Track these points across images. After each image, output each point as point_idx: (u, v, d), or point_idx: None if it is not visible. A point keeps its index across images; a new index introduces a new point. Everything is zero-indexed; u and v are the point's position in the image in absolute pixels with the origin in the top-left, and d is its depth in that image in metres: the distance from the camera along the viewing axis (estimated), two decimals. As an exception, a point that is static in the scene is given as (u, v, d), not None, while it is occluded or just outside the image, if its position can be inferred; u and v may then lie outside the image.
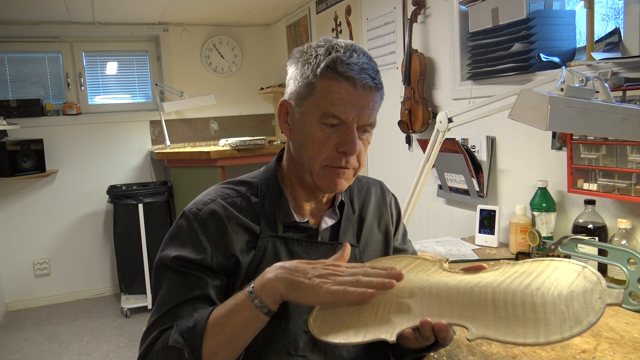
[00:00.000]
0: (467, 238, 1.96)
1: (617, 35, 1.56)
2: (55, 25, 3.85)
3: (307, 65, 0.91)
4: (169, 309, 0.88)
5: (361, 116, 0.89)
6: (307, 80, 0.90)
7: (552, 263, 0.78)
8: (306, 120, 0.91)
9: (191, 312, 0.87)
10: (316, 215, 1.03)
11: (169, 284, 0.90)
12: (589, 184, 1.51)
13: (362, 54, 0.91)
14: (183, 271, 0.90)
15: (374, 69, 0.91)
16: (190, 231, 0.93)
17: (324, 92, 0.88)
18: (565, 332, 0.64)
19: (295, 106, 0.93)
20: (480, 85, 2.02)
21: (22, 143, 3.59)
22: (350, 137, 0.89)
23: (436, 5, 2.25)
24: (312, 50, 0.92)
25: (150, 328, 0.88)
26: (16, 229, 3.88)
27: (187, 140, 4.27)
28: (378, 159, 2.88)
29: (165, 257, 0.92)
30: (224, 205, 0.95)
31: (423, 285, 0.80)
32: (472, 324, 0.69)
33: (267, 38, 4.44)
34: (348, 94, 0.88)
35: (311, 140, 0.91)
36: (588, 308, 0.66)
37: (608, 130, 1.09)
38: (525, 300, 0.70)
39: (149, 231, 3.69)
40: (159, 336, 0.86)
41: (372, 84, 0.90)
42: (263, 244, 0.94)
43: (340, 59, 0.88)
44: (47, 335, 3.41)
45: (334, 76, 0.88)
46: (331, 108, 0.88)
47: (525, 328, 0.66)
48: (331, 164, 0.91)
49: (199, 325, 0.81)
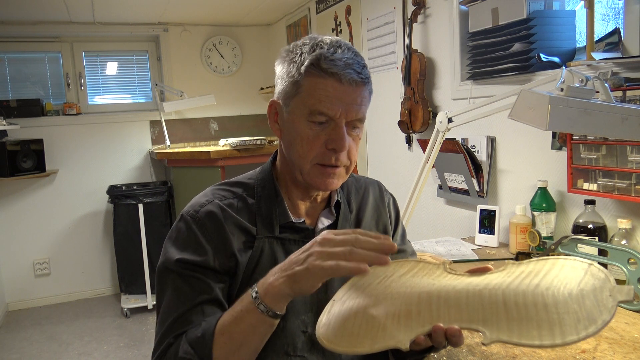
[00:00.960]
0: (467, 238, 1.96)
1: (617, 35, 1.56)
2: (55, 25, 3.85)
3: (292, 64, 0.90)
4: (178, 316, 0.87)
5: (349, 112, 0.89)
6: (292, 79, 0.90)
7: (557, 261, 0.77)
8: (294, 119, 0.91)
9: (200, 316, 0.86)
10: (312, 215, 1.03)
11: (175, 289, 0.90)
12: (589, 184, 1.51)
13: (347, 50, 0.89)
14: (188, 274, 0.90)
15: (359, 64, 0.89)
16: (190, 234, 0.92)
17: (310, 89, 0.88)
18: (580, 331, 0.63)
19: (284, 106, 0.93)
20: (480, 85, 2.02)
21: (22, 143, 3.59)
22: (338, 133, 0.89)
23: (436, 5, 2.25)
24: (297, 49, 0.91)
25: (162, 338, 0.87)
26: (16, 229, 3.88)
27: (187, 140, 4.27)
28: (378, 159, 2.88)
29: (169, 261, 0.91)
30: (221, 207, 0.94)
31: (430, 290, 0.79)
32: (486, 328, 0.68)
33: (267, 38, 4.44)
34: (334, 90, 0.87)
35: (300, 138, 0.90)
36: (600, 306, 0.65)
37: (608, 130, 1.09)
38: (536, 301, 0.69)
39: (149, 231, 3.69)
40: (171, 342, 0.86)
41: (358, 78, 0.88)
42: (260, 244, 0.94)
43: (323, 55, 0.87)
44: (47, 335, 3.41)
45: (319, 73, 0.87)
46: (318, 105, 0.87)
47: (539, 330, 0.66)
48: (321, 161, 0.91)
49: (207, 334, 0.81)
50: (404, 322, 0.75)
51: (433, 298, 0.77)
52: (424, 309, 0.76)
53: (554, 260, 0.77)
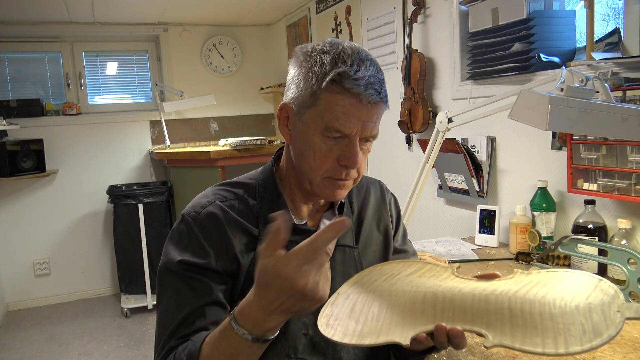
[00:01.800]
0: (467, 238, 1.95)
1: (617, 35, 1.56)
2: (55, 25, 3.85)
3: (310, 73, 0.87)
4: (180, 319, 0.87)
5: (364, 129, 0.88)
6: (310, 90, 0.87)
7: (567, 274, 0.77)
8: (308, 130, 0.89)
9: (202, 320, 0.86)
10: (314, 217, 1.02)
11: (176, 291, 0.89)
12: (589, 184, 1.51)
13: (369, 65, 0.87)
14: (189, 276, 0.89)
15: (379, 82, 0.88)
16: (191, 236, 0.92)
17: (328, 105, 0.86)
18: (585, 343, 0.63)
19: (297, 113, 0.91)
20: (480, 85, 2.02)
21: (22, 143, 3.59)
22: (352, 151, 0.88)
23: (436, 5, 2.25)
24: (317, 56, 0.87)
25: (165, 342, 0.87)
26: (16, 229, 3.88)
27: (187, 140, 4.27)
28: (378, 159, 2.88)
29: (170, 262, 0.91)
30: (222, 208, 0.94)
31: (436, 291, 0.79)
32: (489, 331, 0.69)
33: (267, 38, 4.44)
34: (353, 108, 0.86)
35: (312, 151, 0.89)
36: (607, 321, 0.65)
37: (608, 130, 1.09)
38: (543, 310, 0.69)
39: (149, 231, 3.69)
40: (173, 345, 0.85)
41: (378, 98, 0.88)
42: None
43: (347, 74, 0.84)
44: (47, 335, 3.41)
45: (340, 90, 0.85)
46: (335, 122, 0.86)
47: (543, 338, 0.66)
48: (332, 175, 0.90)
49: (192, 357, 0.79)
50: (409, 319, 0.75)
51: (438, 298, 0.77)
52: (428, 307, 0.76)
53: (564, 272, 0.77)
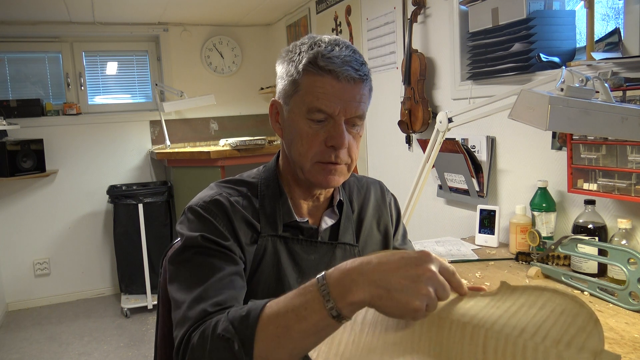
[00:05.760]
0: (467, 238, 1.96)
1: (617, 35, 1.56)
2: (55, 25, 3.85)
3: (291, 64, 0.91)
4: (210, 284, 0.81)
5: (347, 109, 0.89)
6: (291, 78, 0.91)
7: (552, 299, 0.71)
8: (294, 118, 0.92)
9: (232, 290, 0.82)
10: (315, 215, 1.03)
11: (200, 264, 0.85)
12: (589, 184, 1.51)
13: (345, 47, 0.90)
14: (213, 248, 0.87)
15: (357, 61, 0.90)
16: (203, 220, 0.91)
17: (308, 87, 0.89)
18: None
19: (284, 105, 0.94)
20: (480, 85, 2.02)
21: (22, 143, 3.59)
22: (337, 130, 0.89)
23: (436, 5, 2.25)
24: (296, 48, 0.92)
25: (192, 304, 0.79)
26: (16, 229, 3.88)
27: (187, 140, 4.27)
28: (378, 159, 2.88)
29: (191, 238, 0.88)
30: (229, 200, 0.95)
31: None
32: None
33: (267, 38, 4.44)
34: (332, 88, 0.87)
35: (300, 137, 0.91)
36: None
37: (608, 130, 1.09)
38: (515, 352, 0.67)
39: (149, 231, 3.69)
40: (208, 310, 0.78)
41: (356, 75, 0.88)
42: (263, 242, 0.95)
43: (320, 53, 0.88)
44: (47, 335, 3.41)
45: (316, 71, 0.88)
46: (316, 102, 0.88)
47: None
48: (321, 159, 0.91)
49: (252, 315, 0.71)
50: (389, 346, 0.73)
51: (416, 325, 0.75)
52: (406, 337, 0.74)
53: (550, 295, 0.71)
